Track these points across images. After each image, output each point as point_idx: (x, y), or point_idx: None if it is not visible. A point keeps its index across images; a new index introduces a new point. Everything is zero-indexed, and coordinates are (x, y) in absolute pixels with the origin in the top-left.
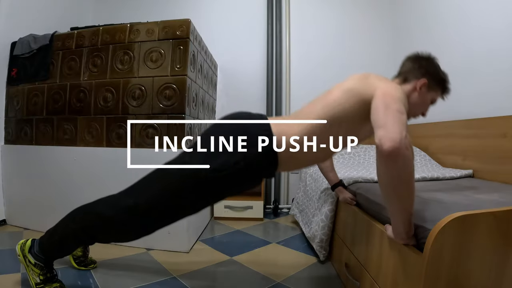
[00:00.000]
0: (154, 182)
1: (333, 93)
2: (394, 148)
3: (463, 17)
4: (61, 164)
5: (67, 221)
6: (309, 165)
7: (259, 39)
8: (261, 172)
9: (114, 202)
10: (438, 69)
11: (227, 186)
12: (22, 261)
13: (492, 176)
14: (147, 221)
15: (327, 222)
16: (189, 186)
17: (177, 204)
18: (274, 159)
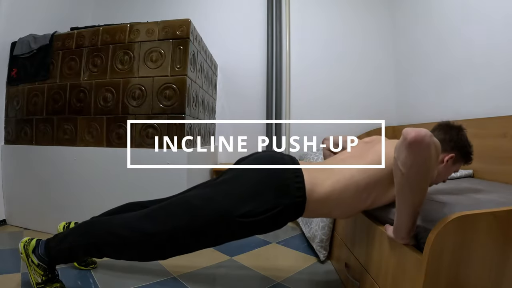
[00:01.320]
0: (179, 214)
1: (367, 156)
2: (419, 136)
3: (463, 17)
4: (61, 164)
5: (80, 233)
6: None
7: (259, 39)
8: (287, 220)
9: (133, 224)
10: (467, 142)
11: (252, 231)
12: (25, 259)
13: (492, 176)
14: (163, 249)
15: (327, 222)
16: (214, 226)
17: (198, 240)
18: (302, 210)
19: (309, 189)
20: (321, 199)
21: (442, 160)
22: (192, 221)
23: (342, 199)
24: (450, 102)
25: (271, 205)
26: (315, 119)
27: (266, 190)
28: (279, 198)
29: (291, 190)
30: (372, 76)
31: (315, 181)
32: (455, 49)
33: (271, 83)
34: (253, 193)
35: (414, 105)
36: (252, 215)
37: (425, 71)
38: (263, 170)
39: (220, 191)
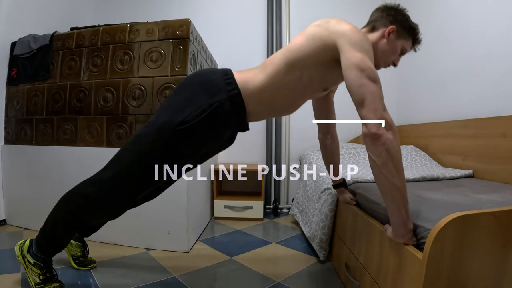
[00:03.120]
0: (128, 148)
1: (294, 40)
2: (378, 134)
3: (463, 18)
4: (61, 164)
5: (54, 211)
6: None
7: (259, 39)
8: (229, 118)
9: (93, 179)
10: (407, 17)
11: (198, 138)
12: (21, 261)
13: (492, 176)
14: (128, 189)
15: (327, 222)
16: (161, 144)
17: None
18: (240, 104)
19: (242, 83)
20: (257, 89)
21: (382, 35)
22: (139, 148)
23: (276, 83)
24: (450, 102)
25: (206, 105)
26: None
27: (198, 94)
28: (212, 97)
29: (222, 87)
30: None
31: (247, 76)
32: (455, 49)
33: None
34: (187, 102)
35: (414, 105)
36: (190, 119)
37: (425, 71)
38: (194, 79)
39: (158, 113)
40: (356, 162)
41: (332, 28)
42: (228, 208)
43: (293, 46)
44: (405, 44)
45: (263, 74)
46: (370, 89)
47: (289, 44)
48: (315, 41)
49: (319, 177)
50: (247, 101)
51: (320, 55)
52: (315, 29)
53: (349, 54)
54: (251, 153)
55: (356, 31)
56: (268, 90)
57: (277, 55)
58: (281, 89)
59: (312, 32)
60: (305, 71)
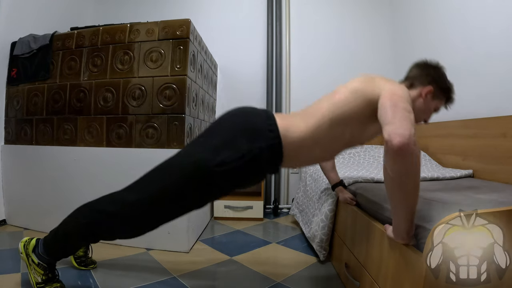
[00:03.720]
0: (158, 177)
1: (339, 93)
2: (403, 144)
3: (463, 18)
4: (61, 164)
5: (70, 220)
6: (313, 163)
7: (259, 39)
8: (265, 166)
9: (117, 198)
10: (445, 78)
11: (231, 180)
12: (25, 259)
13: (492, 176)
14: (151, 217)
15: (327, 222)
16: (193, 181)
17: (181, 199)
18: (279, 153)
19: (283, 131)
20: (297, 140)
21: (420, 94)
22: (169, 179)
23: (318, 137)
24: None
25: (246, 150)
26: None
27: (240, 136)
28: (253, 142)
29: (264, 133)
30: None
31: (289, 124)
32: (455, 49)
33: (271, 83)
34: (227, 141)
35: None
36: (228, 162)
37: None
38: (236, 119)
39: (194, 146)
40: (356, 162)
41: (377, 82)
42: (228, 208)
43: (337, 100)
44: (439, 104)
45: (305, 125)
46: (402, 111)
47: (333, 97)
48: (359, 96)
49: (319, 177)
50: (285, 150)
51: (363, 110)
52: (359, 84)
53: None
54: None
55: (399, 85)
56: (308, 143)
57: (321, 106)
58: (321, 144)
59: (356, 87)
60: (348, 128)
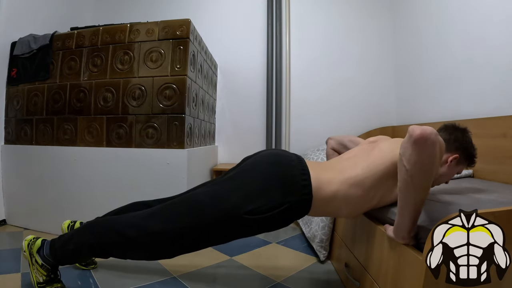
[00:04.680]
0: (186, 212)
1: (374, 153)
2: (425, 134)
3: (464, 17)
4: (61, 164)
5: (85, 233)
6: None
7: (259, 39)
8: (293, 217)
9: (139, 223)
10: (471, 144)
11: (259, 227)
12: (28, 258)
13: (492, 176)
14: (170, 248)
15: (327, 222)
16: (221, 224)
17: (205, 237)
18: (308, 207)
19: (315, 187)
20: (327, 198)
21: (446, 160)
22: (198, 219)
23: (348, 198)
24: (450, 102)
25: (278, 202)
26: (315, 119)
27: (273, 187)
28: (286, 196)
29: (298, 188)
30: (372, 76)
31: (322, 180)
32: (455, 49)
33: (271, 83)
34: (260, 190)
35: (414, 105)
36: (259, 212)
37: (425, 71)
38: (270, 167)
39: (226, 188)
40: None
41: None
42: None
43: (372, 162)
44: (461, 168)
45: (338, 183)
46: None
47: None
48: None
49: None
50: (314, 204)
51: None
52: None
53: None
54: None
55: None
56: (338, 201)
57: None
58: (351, 203)
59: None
60: (379, 190)
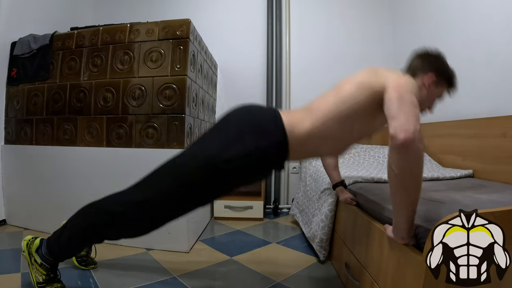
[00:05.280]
0: (164, 175)
1: (344, 87)
2: (408, 139)
3: (464, 17)
4: (61, 164)
5: (75, 220)
6: (317, 157)
7: (259, 39)
8: (271, 163)
9: (123, 197)
10: (446, 65)
11: (238, 177)
12: (27, 258)
13: (492, 176)
14: (157, 215)
15: (327, 222)
16: (200, 178)
17: (187, 197)
18: (284, 150)
19: (289, 128)
20: (303, 137)
21: (422, 84)
22: (178, 178)
23: (324, 134)
24: (450, 102)
25: (253, 147)
26: None
27: (246, 134)
28: (259, 140)
29: (270, 130)
30: None
31: (295, 121)
32: (455, 49)
33: (271, 83)
34: (233, 140)
35: None
36: (235, 160)
37: None
38: (241, 116)
39: (201, 145)
40: (356, 162)
41: (381, 74)
42: (228, 208)
43: (343, 95)
44: (442, 91)
45: (311, 121)
46: (408, 105)
47: (339, 91)
48: (365, 89)
49: (319, 177)
50: (291, 147)
51: (370, 103)
52: (364, 77)
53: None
54: None
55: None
56: (314, 138)
57: (327, 100)
58: (328, 139)
59: (361, 80)
60: (356, 123)
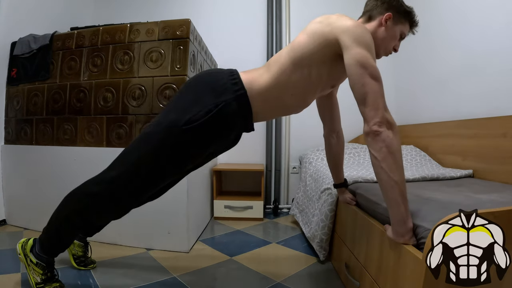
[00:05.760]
0: (134, 149)
1: (297, 38)
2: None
3: (463, 17)
4: (61, 164)
5: (58, 211)
6: (286, 112)
7: (259, 39)
8: (235, 118)
9: (98, 178)
10: (401, 2)
11: (203, 138)
12: (23, 260)
13: (492, 176)
14: (134, 189)
15: (327, 222)
16: (167, 143)
17: (159, 166)
18: (246, 104)
19: (247, 83)
20: (263, 89)
21: (380, 23)
22: (146, 148)
23: (283, 82)
24: (450, 102)
25: (212, 105)
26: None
27: (205, 94)
28: (218, 97)
29: (228, 87)
30: None
31: (253, 76)
32: (455, 49)
33: None
34: (193, 101)
35: (414, 105)
36: (196, 119)
37: (425, 71)
38: (200, 80)
39: (164, 112)
40: (356, 162)
41: (333, 24)
42: (228, 208)
43: (296, 44)
44: (403, 29)
45: (268, 74)
46: (372, 88)
47: (293, 43)
48: (318, 38)
49: (319, 177)
50: (253, 102)
51: (324, 51)
52: (317, 26)
53: (352, 51)
54: (251, 153)
55: (357, 25)
56: (274, 90)
57: (282, 54)
58: (289, 88)
59: (313, 29)
60: (312, 69)
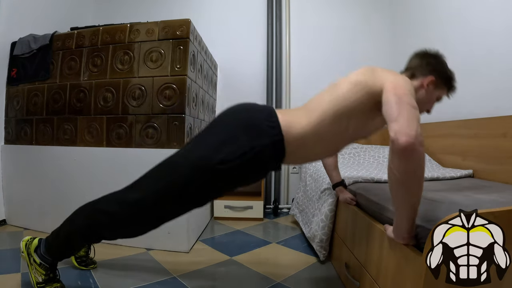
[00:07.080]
0: (160, 175)
1: (340, 86)
2: (410, 143)
3: (463, 17)
4: (61, 164)
5: (72, 220)
6: (316, 159)
7: (259, 39)
8: (268, 163)
9: (119, 197)
10: (446, 67)
11: (234, 178)
12: (26, 258)
13: (492, 176)
14: (152, 216)
15: (327, 222)
16: (195, 179)
17: (183, 198)
18: (281, 150)
19: (285, 127)
20: (299, 136)
21: (421, 85)
22: (173, 178)
23: (321, 132)
24: (450, 102)
25: (248, 147)
26: None
27: (240, 133)
28: (254, 139)
29: (266, 130)
30: None
31: (291, 120)
32: (455, 49)
33: (271, 83)
34: (228, 139)
35: None
36: (230, 160)
37: None
38: (237, 115)
39: (195, 143)
40: (356, 162)
41: (379, 74)
42: (228, 208)
43: (340, 93)
44: (441, 93)
45: (307, 120)
46: (408, 108)
47: (336, 90)
48: (361, 88)
49: (319, 177)
50: (287, 147)
51: (366, 103)
52: (361, 77)
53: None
54: None
55: (402, 76)
56: (310, 138)
57: (323, 99)
58: (324, 139)
59: (358, 79)
60: (351, 122)
